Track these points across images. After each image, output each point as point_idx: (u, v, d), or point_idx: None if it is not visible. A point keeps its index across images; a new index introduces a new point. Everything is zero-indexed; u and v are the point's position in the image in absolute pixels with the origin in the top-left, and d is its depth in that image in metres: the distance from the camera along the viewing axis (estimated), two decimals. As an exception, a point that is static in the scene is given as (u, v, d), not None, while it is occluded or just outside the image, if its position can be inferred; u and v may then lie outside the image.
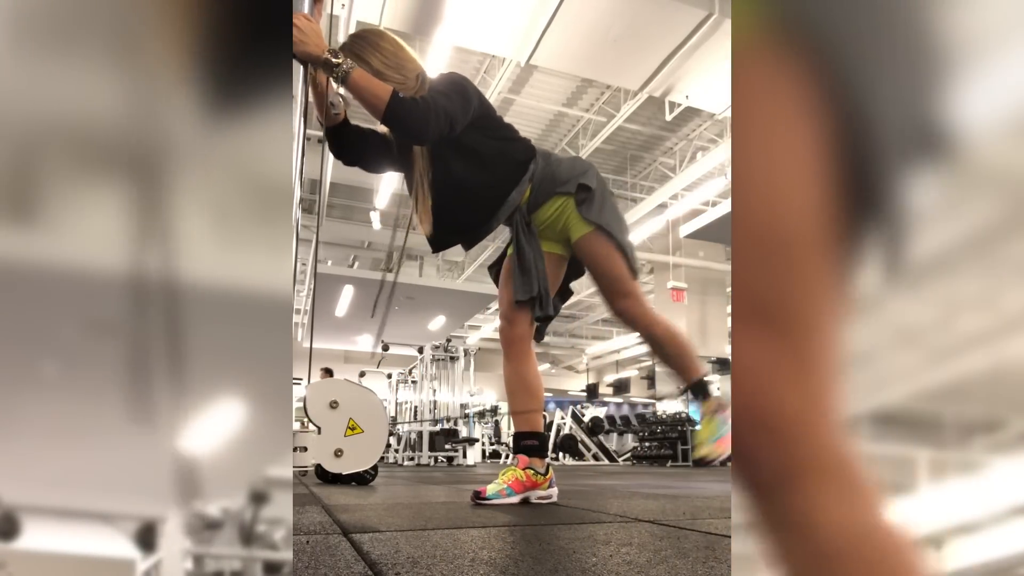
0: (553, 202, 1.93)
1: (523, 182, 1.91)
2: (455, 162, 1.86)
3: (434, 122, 1.71)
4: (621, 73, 7.07)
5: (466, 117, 1.80)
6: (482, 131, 1.87)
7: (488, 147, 1.87)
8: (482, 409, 13.09)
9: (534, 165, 1.92)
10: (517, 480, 1.89)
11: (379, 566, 0.83)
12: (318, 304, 11.49)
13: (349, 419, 2.74)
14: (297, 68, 1.68)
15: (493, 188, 1.91)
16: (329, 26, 1.97)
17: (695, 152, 9.90)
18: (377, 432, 2.82)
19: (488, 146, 1.87)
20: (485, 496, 1.87)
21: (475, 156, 1.86)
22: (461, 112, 1.78)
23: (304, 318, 11.72)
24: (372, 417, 2.79)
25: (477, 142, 1.86)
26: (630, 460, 11.51)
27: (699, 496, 2.36)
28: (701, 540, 1.10)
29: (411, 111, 1.69)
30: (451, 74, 1.88)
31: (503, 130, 1.93)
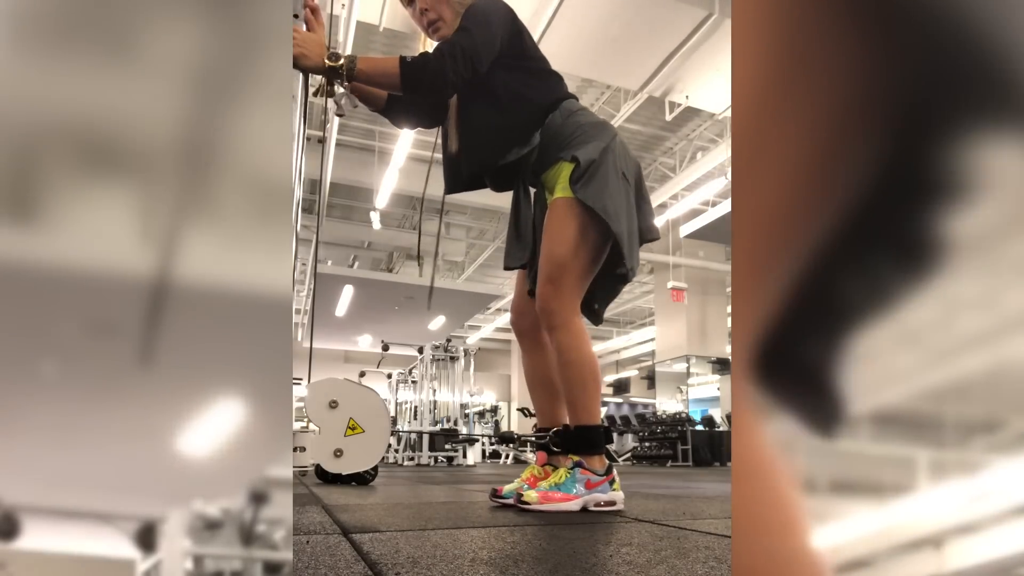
0: (555, 166, 1.78)
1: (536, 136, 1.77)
2: (474, 104, 1.79)
3: (451, 71, 1.64)
4: (621, 73, 7.07)
5: (492, 49, 1.71)
6: (505, 69, 1.77)
7: (508, 90, 1.77)
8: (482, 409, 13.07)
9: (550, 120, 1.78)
10: (534, 478, 1.78)
11: (379, 566, 0.83)
12: (318, 304, 11.49)
13: (349, 419, 2.74)
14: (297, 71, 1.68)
15: (503, 131, 1.78)
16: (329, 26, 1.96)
17: (695, 152, 9.90)
18: (378, 432, 2.82)
19: (509, 89, 1.77)
20: (501, 495, 1.80)
21: (493, 98, 1.77)
22: (484, 46, 1.69)
23: (304, 318, 11.71)
24: (373, 417, 2.79)
25: (498, 83, 1.76)
26: (630, 460, 11.51)
27: (699, 496, 2.36)
28: (701, 540, 1.10)
29: (425, 69, 1.64)
30: (488, 1, 1.78)
31: (529, 72, 1.81)
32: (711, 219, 10.12)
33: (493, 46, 1.71)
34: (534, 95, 1.81)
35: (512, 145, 1.78)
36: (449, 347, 10.19)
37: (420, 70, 1.65)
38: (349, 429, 2.72)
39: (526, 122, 1.79)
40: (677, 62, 6.57)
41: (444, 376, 10.09)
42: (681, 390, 13.75)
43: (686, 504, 1.94)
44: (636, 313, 18.87)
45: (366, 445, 2.74)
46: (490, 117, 1.79)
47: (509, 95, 1.78)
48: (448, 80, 1.66)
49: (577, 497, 1.63)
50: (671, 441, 10.54)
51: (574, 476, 1.65)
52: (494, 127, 1.79)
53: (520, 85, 1.79)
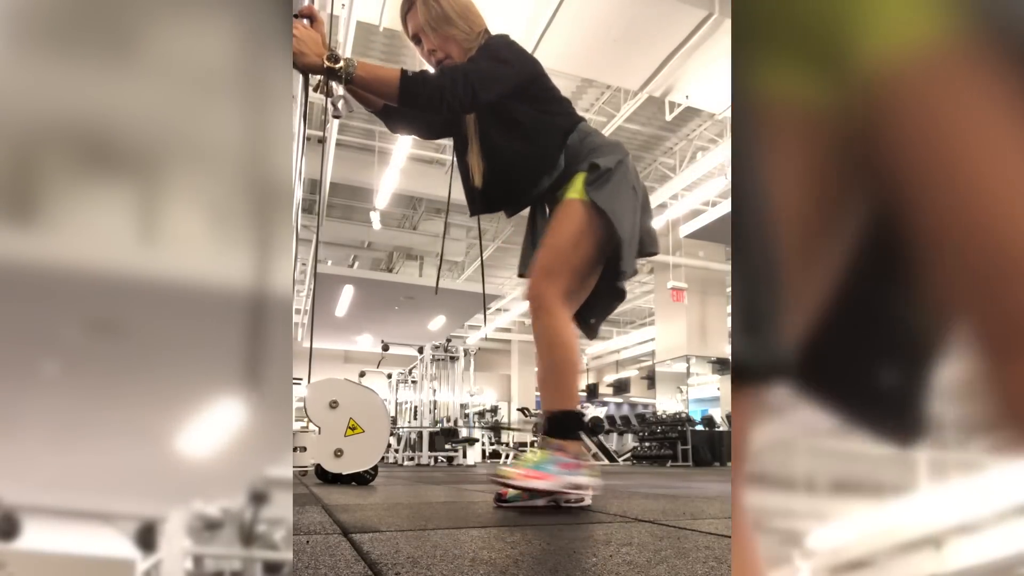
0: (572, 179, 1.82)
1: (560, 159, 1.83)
2: (497, 133, 1.82)
3: (450, 93, 1.67)
4: (621, 73, 7.08)
5: (497, 80, 1.74)
6: (528, 102, 1.81)
7: (532, 120, 1.81)
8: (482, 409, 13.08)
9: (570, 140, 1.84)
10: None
11: (379, 566, 0.83)
12: (318, 304, 11.49)
13: (349, 419, 2.74)
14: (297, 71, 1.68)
15: (533, 159, 1.83)
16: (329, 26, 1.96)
17: (695, 152, 9.90)
18: (378, 432, 2.82)
19: (532, 118, 1.81)
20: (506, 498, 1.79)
21: (517, 127, 1.80)
22: (490, 74, 1.72)
23: (304, 318, 11.72)
24: (373, 417, 2.79)
25: (521, 113, 1.80)
26: (630, 460, 11.51)
27: (699, 496, 2.36)
28: (701, 540, 1.10)
29: (424, 85, 1.66)
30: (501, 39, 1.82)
31: (552, 104, 1.86)
32: (711, 219, 10.13)
33: (501, 78, 1.74)
34: (557, 120, 1.85)
35: (542, 173, 1.84)
36: (449, 347, 10.20)
37: (419, 85, 1.66)
38: (349, 429, 2.72)
39: (552, 148, 1.83)
40: (677, 62, 6.57)
41: (444, 376, 10.09)
42: (681, 390, 13.76)
43: (686, 504, 1.94)
44: (636, 313, 18.87)
45: (366, 445, 2.75)
46: (516, 144, 1.82)
47: (533, 121, 1.81)
48: (445, 101, 1.68)
49: (552, 477, 1.63)
50: (671, 441, 10.54)
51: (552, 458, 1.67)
52: (522, 156, 1.83)
53: (542, 112, 1.83)
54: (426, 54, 1.90)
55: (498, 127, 1.82)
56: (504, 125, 1.81)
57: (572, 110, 1.90)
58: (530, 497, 1.73)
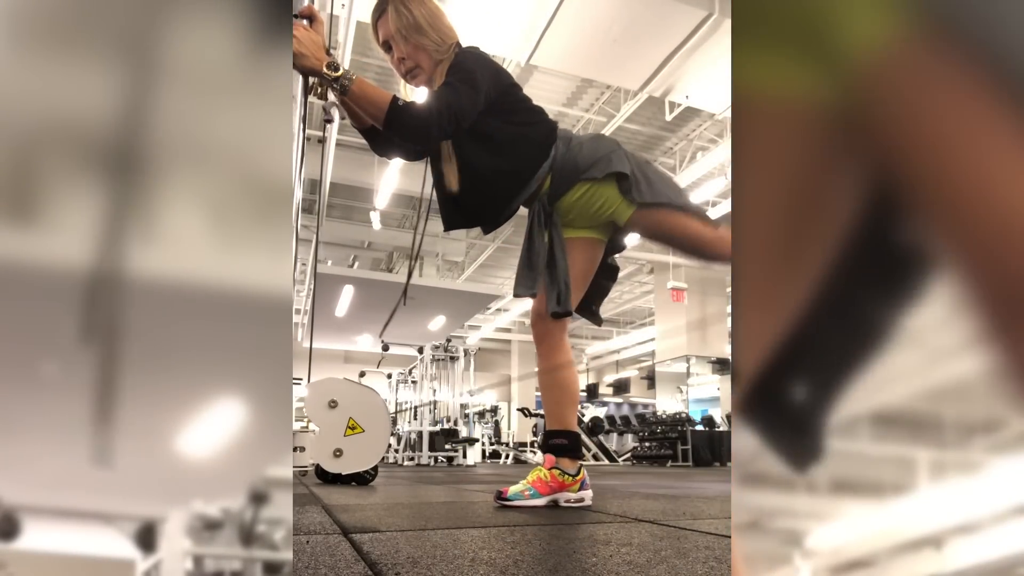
0: (578, 189, 1.84)
1: (542, 169, 1.84)
2: (470, 148, 1.82)
3: (436, 127, 1.69)
4: (621, 73, 7.07)
5: (476, 107, 1.76)
6: (500, 116, 1.82)
7: (504, 133, 1.82)
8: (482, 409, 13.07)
9: (554, 151, 1.84)
10: (542, 481, 1.79)
11: (379, 566, 0.83)
12: (318, 304, 11.49)
13: (349, 419, 2.73)
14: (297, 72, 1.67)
15: (509, 175, 1.84)
16: (329, 26, 1.95)
17: (695, 152, 9.90)
18: (378, 432, 2.82)
19: (504, 132, 1.82)
20: (507, 497, 1.80)
21: (489, 142, 1.81)
22: (470, 104, 1.74)
23: (304, 318, 11.72)
24: (373, 417, 2.78)
25: (493, 128, 1.81)
26: (630, 460, 11.51)
27: (699, 496, 2.36)
28: (701, 540, 1.10)
29: (412, 118, 1.67)
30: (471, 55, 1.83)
31: (524, 114, 1.87)
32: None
33: (477, 103, 1.76)
34: (531, 131, 1.86)
35: (516, 192, 1.86)
36: (449, 347, 10.20)
37: (407, 117, 1.67)
38: (349, 429, 2.72)
39: (527, 164, 1.84)
40: (677, 62, 6.57)
41: (444, 376, 10.09)
42: (681, 390, 13.76)
43: (686, 504, 1.94)
44: (636, 313, 18.87)
45: (366, 445, 2.74)
46: (490, 160, 1.83)
47: (506, 136, 1.83)
48: (432, 136, 1.71)
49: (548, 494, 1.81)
50: (671, 441, 10.53)
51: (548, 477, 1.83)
52: (495, 172, 1.84)
53: (515, 124, 1.85)
54: (396, 62, 1.90)
55: (472, 143, 1.82)
56: (477, 141, 1.82)
57: (546, 118, 1.91)
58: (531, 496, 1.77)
